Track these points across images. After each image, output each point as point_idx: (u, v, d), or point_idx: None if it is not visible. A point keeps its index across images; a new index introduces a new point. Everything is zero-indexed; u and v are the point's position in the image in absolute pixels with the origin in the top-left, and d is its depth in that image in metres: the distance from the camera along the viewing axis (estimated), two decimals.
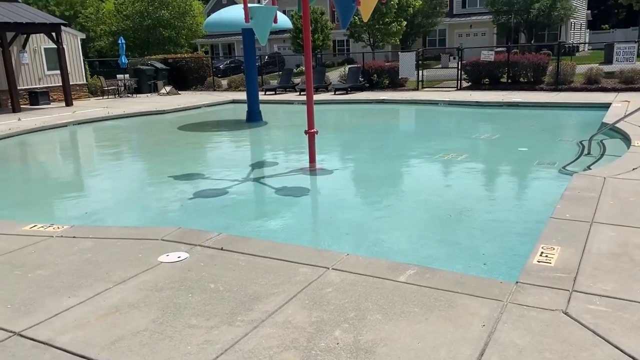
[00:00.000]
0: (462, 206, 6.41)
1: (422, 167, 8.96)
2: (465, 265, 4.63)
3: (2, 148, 12.10)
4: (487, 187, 7.71)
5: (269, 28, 7.26)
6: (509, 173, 8.47)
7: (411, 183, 8.05)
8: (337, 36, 41.69)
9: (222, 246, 4.55)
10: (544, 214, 5.31)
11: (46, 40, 19.11)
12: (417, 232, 5.62)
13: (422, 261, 4.56)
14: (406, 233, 5.59)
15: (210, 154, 11.46)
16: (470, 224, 5.78)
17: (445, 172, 8.43)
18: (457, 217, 6.01)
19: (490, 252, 4.92)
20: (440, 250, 5.09)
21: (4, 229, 5.32)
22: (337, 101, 18.17)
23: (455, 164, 8.73)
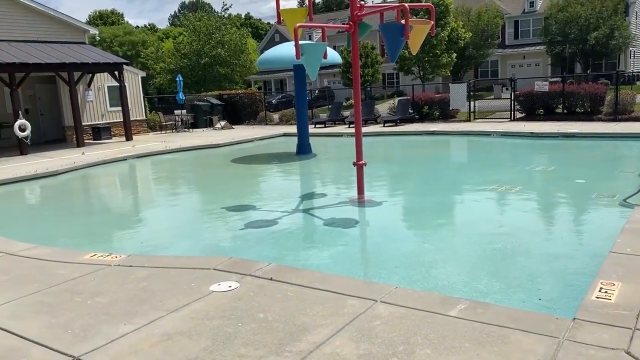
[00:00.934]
0: (517, 239, 6.23)
1: (474, 199, 8.80)
2: (519, 300, 4.48)
3: (67, 181, 12.76)
4: (542, 219, 7.47)
5: (319, 64, 7.44)
6: (566, 205, 8.18)
7: (463, 215, 7.90)
8: (387, 69, 42.03)
9: (271, 276, 4.60)
10: (603, 248, 5.09)
11: (109, 78, 20.22)
12: (468, 265, 5.50)
13: (473, 296, 4.45)
14: (457, 266, 5.48)
15: (261, 185, 11.68)
16: (525, 257, 5.61)
17: (498, 204, 8.24)
18: (511, 250, 5.84)
19: (546, 287, 4.74)
20: (493, 284, 4.95)
21: (67, 258, 5.59)
22: (386, 133, 18.20)
23: (509, 196, 8.53)
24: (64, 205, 10.37)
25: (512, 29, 43.52)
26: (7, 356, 3.49)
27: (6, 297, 4.55)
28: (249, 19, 76.92)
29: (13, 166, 13.77)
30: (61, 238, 7.61)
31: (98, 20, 67.38)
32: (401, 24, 7.20)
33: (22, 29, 18.24)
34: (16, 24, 18.12)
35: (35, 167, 13.20)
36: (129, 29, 62.60)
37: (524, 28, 43.13)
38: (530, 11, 42.76)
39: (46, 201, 11.24)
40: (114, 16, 72.50)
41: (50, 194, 11.77)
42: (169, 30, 70.72)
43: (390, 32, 7.40)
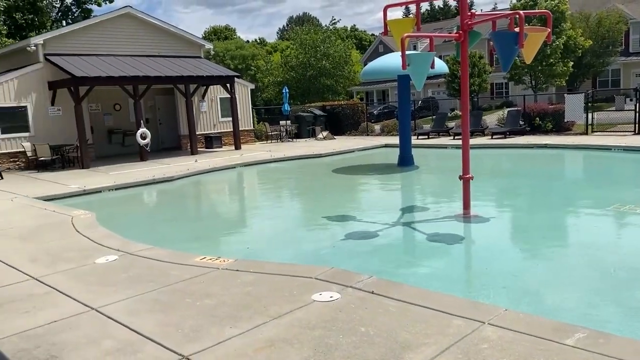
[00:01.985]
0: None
1: (592, 219, 8.13)
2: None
3: (181, 186, 13.60)
4: None
5: (426, 74, 7.29)
6: None
7: (578, 235, 7.32)
8: (496, 79, 40.45)
9: (373, 289, 4.54)
10: None
11: (221, 90, 21.35)
12: (584, 290, 5.06)
13: (589, 323, 4.07)
14: (572, 291, 5.07)
15: (362, 196, 11.67)
16: None
17: (620, 225, 7.56)
18: (635, 277, 5.30)
19: None
20: (613, 312, 4.51)
21: (180, 260, 5.91)
22: (494, 145, 17.46)
23: (633, 217, 7.78)
24: (177, 210, 11.05)
25: (637, 35, 40.02)
26: (124, 349, 3.74)
27: (125, 294, 4.89)
28: (354, 31, 77.77)
29: (134, 171, 14.94)
30: (174, 240, 8.09)
31: (212, 35, 71.55)
32: (515, 32, 6.87)
33: (146, 45, 19.83)
34: (141, 40, 19.74)
35: (154, 173, 14.21)
36: (240, 44, 65.78)
37: None
38: None
39: (162, 205, 12.05)
40: (227, 31, 76.62)
41: (165, 198, 12.61)
42: (277, 44, 73.48)
43: (504, 41, 7.09)
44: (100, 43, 18.70)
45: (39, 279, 5.54)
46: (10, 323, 4.35)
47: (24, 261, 6.26)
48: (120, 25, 19.26)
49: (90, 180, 13.51)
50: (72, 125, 17.04)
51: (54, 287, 5.19)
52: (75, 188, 12.35)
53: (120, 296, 4.84)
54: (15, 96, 16.90)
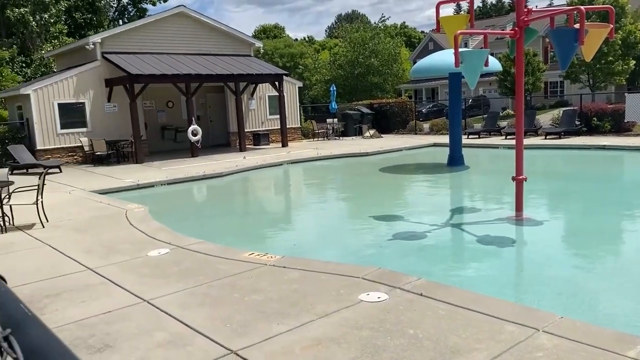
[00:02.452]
0: None
1: None
2: None
3: (230, 182, 13.82)
4: None
5: (480, 72, 7.11)
6: None
7: (637, 242, 6.96)
8: (550, 77, 39.12)
9: (421, 292, 4.46)
10: None
11: (270, 88, 21.56)
12: None
13: None
14: (632, 299, 4.83)
15: (410, 196, 11.52)
16: None
17: None
18: None
19: None
20: None
21: (228, 255, 6.00)
22: (548, 146, 16.89)
23: None
24: (225, 205, 11.23)
25: None
26: (175, 342, 3.82)
27: (176, 287, 5.00)
28: (403, 28, 76.96)
29: (185, 167, 15.29)
30: (223, 235, 8.22)
31: (262, 34, 72.43)
32: (575, 29, 6.60)
33: (198, 43, 20.26)
34: (194, 39, 20.18)
35: (204, 169, 14.50)
36: (289, 42, 66.26)
37: None
38: None
39: (211, 200, 12.28)
40: (276, 30, 77.37)
41: (214, 193, 12.85)
42: (325, 42, 73.60)
43: (563, 38, 6.82)
44: (155, 41, 19.23)
45: (94, 269, 5.74)
46: (67, 312, 4.52)
47: (80, 252, 6.50)
48: (174, 24, 19.75)
49: (144, 175, 13.92)
50: (127, 122, 17.62)
51: (108, 278, 5.37)
52: (129, 182, 12.76)
53: (171, 289, 4.95)
54: (74, 93, 17.61)
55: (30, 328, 0.52)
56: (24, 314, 0.55)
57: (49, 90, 17.19)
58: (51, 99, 17.20)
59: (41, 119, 17.05)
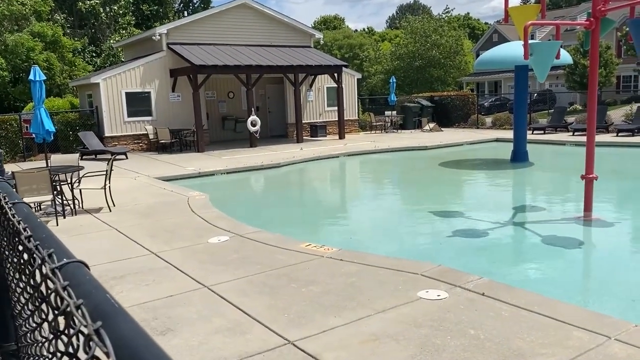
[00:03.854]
0: None
1: None
2: None
3: (286, 173, 13.94)
4: None
5: (550, 64, 6.78)
6: None
7: None
8: (623, 71, 37.08)
9: (483, 291, 4.32)
10: None
11: (328, 80, 21.54)
12: None
13: None
14: None
15: (470, 192, 11.22)
16: None
17: None
18: None
19: None
20: None
21: (286, 244, 6.04)
22: (620, 144, 16.00)
23: None
24: (283, 195, 11.34)
25: None
26: (234, 329, 3.88)
27: (235, 275, 5.08)
28: (467, 19, 74.95)
29: (244, 157, 15.55)
30: (280, 224, 8.29)
31: (322, 25, 72.47)
32: None
33: (259, 35, 20.50)
34: (255, 30, 20.43)
35: (262, 159, 14.69)
36: (349, 33, 65.98)
37: None
38: None
39: (269, 190, 12.43)
40: (336, 21, 77.19)
41: (272, 183, 12.99)
42: (385, 32, 72.79)
43: None
44: (218, 32, 19.60)
45: (157, 254, 5.92)
46: (132, 294, 4.68)
47: (144, 236, 6.73)
48: (236, 16, 20.04)
49: (205, 163, 14.26)
50: (190, 111, 18.10)
51: (171, 263, 5.52)
52: (191, 170, 13.11)
53: (230, 276, 5.04)
54: (140, 82, 18.24)
55: (119, 321, 0.50)
56: (112, 305, 0.54)
57: (117, 80, 17.89)
58: (119, 88, 17.89)
59: (109, 107, 17.77)
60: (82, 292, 0.57)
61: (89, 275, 0.64)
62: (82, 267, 0.67)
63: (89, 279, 0.62)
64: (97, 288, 0.59)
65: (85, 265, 0.69)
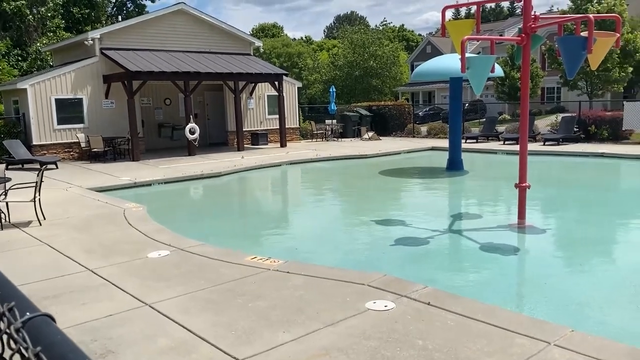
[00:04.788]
0: None
1: None
2: None
3: (228, 182, 13.72)
4: None
5: (486, 77, 7.06)
6: None
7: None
8: (547, 83, 39.23)
9: (429, 301, 4.40)
10: None
11: (269, 88, 21.46)
12: None
13: None
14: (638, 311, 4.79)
15: (410, 200, 11.46)
16: None
17: None
18: None
19: None
20: None
21: (230, 258, 5.91)
22: (547, 152, 16.87)
23: None
24: (224, 206, 11.14)
25: None
26: (178, 349, 3.74)
27: (178, 291, 4.91)
28: (402, 31, 77.02)
29: (182, 165, 15.17)
30: (222, 236, 8.13)
31: (260, 33, 72.26)
32: (584, 37, 6.56)
33: (198, 41, 20.13)
34: (193, 37, 20.05)
35: (202, 168, 14.39)
36: (287, 41, 66.17)
37: None
38: None
39: (210, 200, 12.17)
40: (275, 29, 77.21)
41: (213, 193, 12.74)
42: (323, 42, 73.53)
43: (571, 46, 6.78)
44: (154, 38, 19.10)
45: (94, 270, 5.64)
46: (68, 314, 4.42)
47: (79, 252, 6.40)
48: (173, 21, 19.61)
49: (141, 173, 13.79)
50: (124, 118, 17.48)
51: (109, 280, 5.27)
52: (126, 180, 12.63)
53: (173, 293, 4.86)
54: (72, 88, 17.44)
55: None
56: None
57: (46, 85, 17.02)
58: (48, 94, 17.02)
59: (38, 114, 16.87)
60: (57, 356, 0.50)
61: (60, 333, 0.57)
62: (50, 323, 0.59)
63: (61, 339, 0.55)
64: (74, 351, 0.52)
65: (52, 319, 0.62)
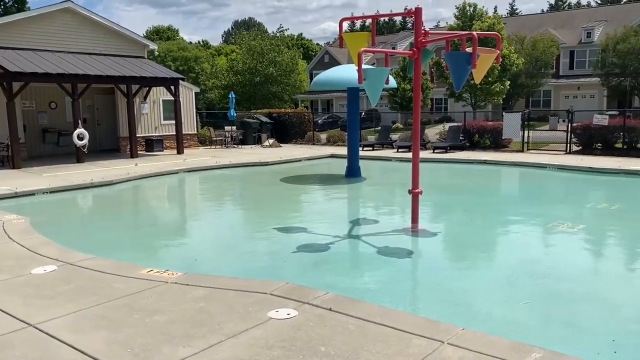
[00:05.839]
0: (585, 284, 5.92)
1: (537, 237, 8.42)
2: (590, 351, 4.20)
3: (121, 191, 13.06)
4: (610, 263, 7.08)
5: (381, 88, 7.36)
6: (635, 250, 7.74)
7: (526, 253, 7.44)
8: (436, 94, 41.75)
9: (330, 306, 4.48)
10: None
11: (165, 92, 20.76)
12: (532, 309, 5.22)
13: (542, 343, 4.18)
14: (521, 309, 5.22)
15: (311, 207, 11.61)
16: (594, 304, 5.30)
17: (562, 243, 7.87)
18: (579, 296, 5.53)
19: (623, 339, 4.43)
20: (560, 331, 4.67)
21: (124, 272, 5.62)
22: (436, 160, 17.90)
23: (572, 235, 8.13)
24: (118, 216, 10.58)
25: (567, 59, 42.49)
26: None
27: (67, 309, 4.58)
28: (300, 39, 78.09)
29: (70, 173, 14.21)
30: (116, 249, 7.71)
31: (154, 35, 69.74)
32: (468, 53, 7.06)
33: (87, 42, 19.01)
34: (82, 37, 18.91)
35: (92, 176, 13.57)
36: (183, 45, 64.47)
37: (580, 59, 42.02)
38: (586, 42, 41.69)
39: (101, 210, 11.49)
40: (170, 32, 74.93)
41: (105, 203, 12.05)
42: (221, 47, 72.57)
43: (457, 61, 7.26)
44: (38, 37, 17.77)
45: None
46: None
47: None
48: (60, 21, 18.38)
49: (22, 181, 12.72)
50: (3, 123, 16.03)
51: None
52: (5, 190, 11.59)
53: (61, 311, 4.53)
54: None
55: None
56: None
57: None
58: None
59: None
60: None
61: None
62: None
63: None
64: None
65: None
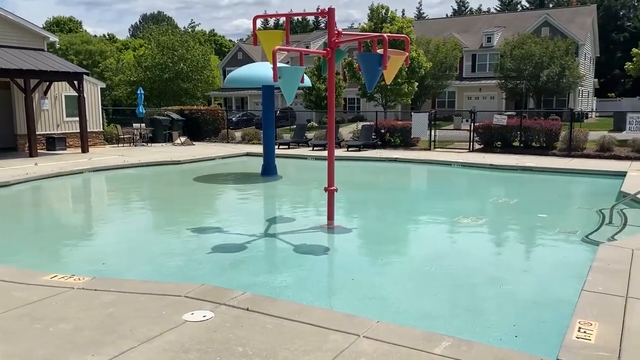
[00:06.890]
0: (488, 274, 6.30)
1: (443, 230, 8.87)
2: (494, 337, 4.48)
3: (18, 193, 12.15)
4: (510, 254, 7.60)
5: (297, 87, 7.40)
6: (531, 240, 8.34)
7: (433, 246, 7.84)
8: (349, 94, 42.58)
9: (247, 306, 4.44)
10: (572, 285, 5.22)
11: (67, 87, 19.55)
12: (440, 298, 5.49)
13: (450, 331, 4.41)
14: (430, 299, 5.47)
15: (226, 207, 11.44)
16: (496, 292, 5.66)
17: (466, 236, 8.32)
18: (483, 285, 5.89)
19: (523, 324, 4.77)
20: (468, 319, 4.94)
21: (24, 278, 5.24)
22: (350, 158, 18.28)
23: (475, 229, 8.64)
24: (16, 219, 9.85)
25: (469, 62, 45.06)
26: None
27: None
28: (213, 36, 76.58)
29: None
30: (15, 255, 7.17)
31: (54, 27, 65.53)
32: (380, 54, 7.27)
33: None
34: None
35: None
36: (87, 38, 61.12)
37: (481, 62, 44.74)
38: (487, 46, 44.43)
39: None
40: (72, 24, 70.75)
41: (1, 205, 11.14)
42: (128, 41, 69.56)
43: (369, 62, 7.45)
44: None
45: None
46: None
47: None
48: None
49: None
50: None
51: None
52: None
53: None
54: None
55: None
56: None
57: None
58: None
59: None
60: None
61: None
62: None
63: None
64: None
65: None
